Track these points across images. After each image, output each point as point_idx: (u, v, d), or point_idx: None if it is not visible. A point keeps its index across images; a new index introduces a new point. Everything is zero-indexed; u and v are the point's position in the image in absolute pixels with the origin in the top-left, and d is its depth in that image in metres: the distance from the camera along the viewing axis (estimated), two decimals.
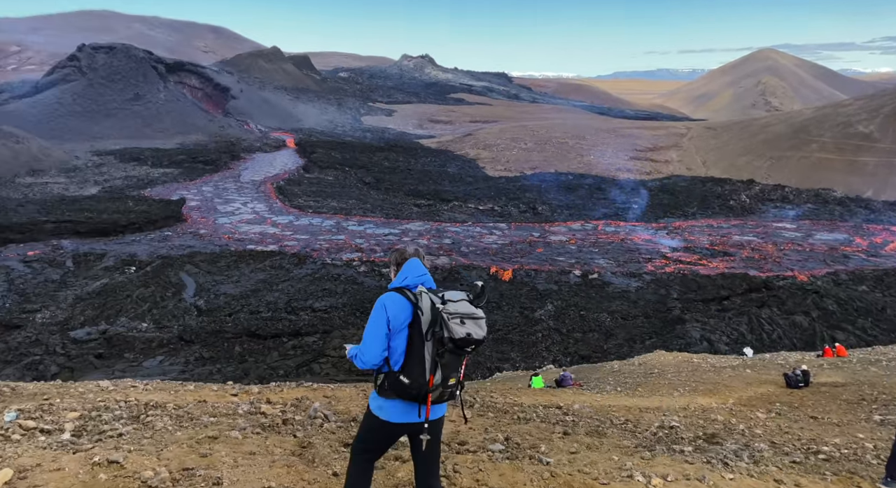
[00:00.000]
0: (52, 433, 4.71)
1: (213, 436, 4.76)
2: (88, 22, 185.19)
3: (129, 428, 4.98)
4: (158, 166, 51.87)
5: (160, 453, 4.30)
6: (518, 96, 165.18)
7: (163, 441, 4.62)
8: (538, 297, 25.91)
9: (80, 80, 73.24)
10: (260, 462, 4.28)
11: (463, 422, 5.96)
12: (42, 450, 4.22)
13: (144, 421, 5.23)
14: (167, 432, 4.92)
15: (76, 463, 3.95)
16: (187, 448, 4.46)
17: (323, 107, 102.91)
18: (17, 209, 34.92)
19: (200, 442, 4.60)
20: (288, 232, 35.11)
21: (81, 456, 4.11)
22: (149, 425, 5.12)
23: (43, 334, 21.52)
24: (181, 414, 5.62)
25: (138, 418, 5.35)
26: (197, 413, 5.70)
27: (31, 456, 4.09)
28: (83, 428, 4.89)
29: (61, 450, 4.24)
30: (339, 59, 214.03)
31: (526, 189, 50.97)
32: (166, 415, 5.48)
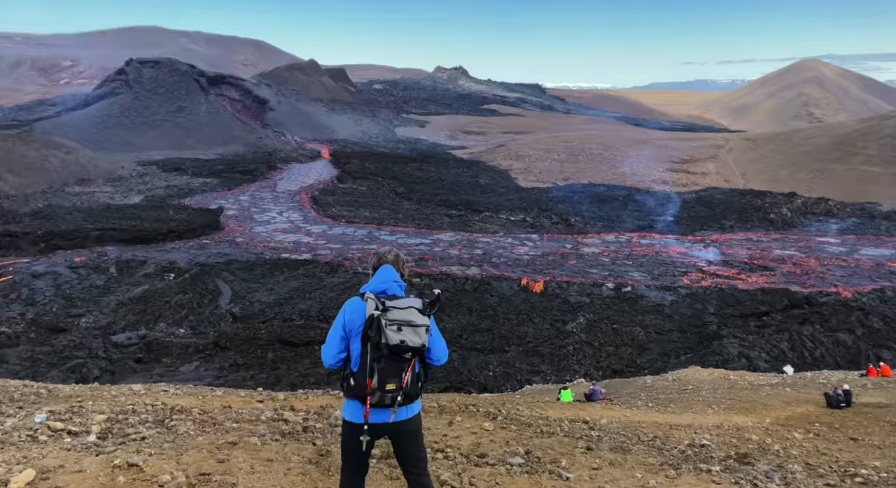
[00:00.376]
0: (78, 435, 4.81)
1: (233, 442, 4.84)
2: (136, 37, 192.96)
3: (152, 431, 5.08)
4: (198, 176, 53.43)
5: (180, 457, 4.38)
6: (551, 107, 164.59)
7: (184, 445, 4.70)
8: (570, 310, 25.63)
9: (127, 93, 76.23)
10: (276, 469, 4.33)
11: None
12: (66, 452, 4.32)
13: (168, 426, 5.33)
14: (189, 437, 5.00)
15: (97, 466, 4.03)
16: (206, 453, 4.53)
17: (357, 118, 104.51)
18: (66, 217, 36.43)
19: (220, 448, 4.68)
20: (321, 241, 35.66)
21: (103, 458, 4.19)
22: (172, 429, 5.21)
23: (86, 338, 22.30)
24: (205, 419, 5.72)
25: (163, 422, 5.46)
26: (221, 418, 5.81)
27: (56, 457, 4.18)
28: (109, 431, 4.98)
29: (85, 452, 4.33)
30: (374, 71, 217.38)
31: (558, 200, 50.62)
32: (190, 420, 5.57)
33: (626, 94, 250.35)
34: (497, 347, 22.03)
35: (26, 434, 4.71)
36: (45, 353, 20.89)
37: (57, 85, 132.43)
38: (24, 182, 44.14)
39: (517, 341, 22.50)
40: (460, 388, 18.22)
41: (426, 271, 29.91)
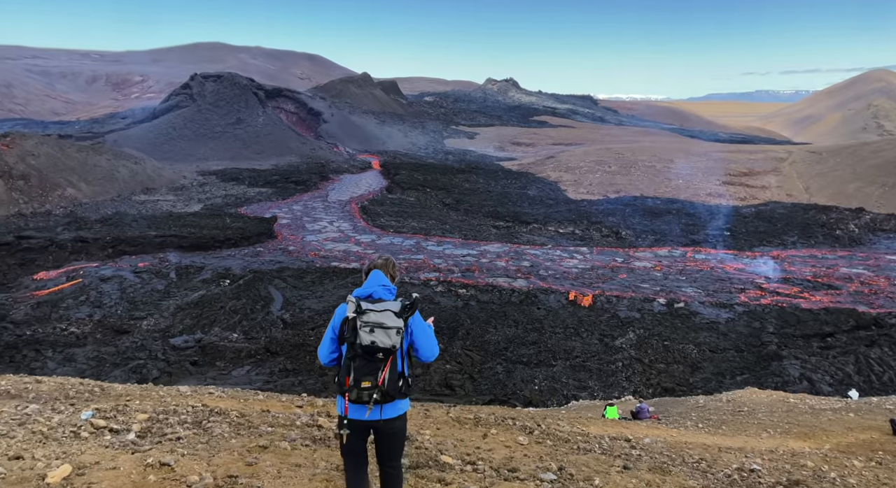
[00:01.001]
0: (119, 433, 4.97)
1: (264, 446, 4.90)
2: (201, 53, 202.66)
3: (189, 432, 5.20)
4: (254, 186, 55.31)
5: (211, 459, 4.47)
6: (603, 119, 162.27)
7: (217, 447, 4.79)
8: (619, 325, 25.00)
9: (191, 106, 80.00)
10: (302, 474, 4.36)
11: None
12: (104, 449, 4.47)
13: (205, 427, 5.44)
14: (223, 439, 5.09)
15: (131, 464, 4.16)
16: (237, 455, 4.61)
17: (407, 130, 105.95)
18: (132, 224, 38.37)
19: (251, 451, 4.76)
20: (370, 250, 36.18)
21: (138, 456, 4.32)
22: (208, 431, 5.32)
23: (147, 340, 23.31)
24: (242, 422, 5.83)
25: (200, 423, 5.57)
26: (257, 422, 5.91)
27: (93, 453, 4.32)
28: (148, 430, 5.14)
29: (121, 450, 4.47)
30: (425, 83, 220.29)
31: (609, 213, 49.68)
32: (226, 422, 5.68)
33: (682, 106, 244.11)
34: (543, 361, 21.69)
35: (70, 430, 4.89)
36: (109, 354, 21.95)
37: (128, 99, 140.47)
38: (95, 190, 46.83)
39: (564, 355, 22.09)
40: (505, 401, 18.02)
41: (472, 282, 29.85)
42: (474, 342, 22.93)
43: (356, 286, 21.13)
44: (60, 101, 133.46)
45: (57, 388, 7.01)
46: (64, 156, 48.02)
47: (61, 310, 25.68)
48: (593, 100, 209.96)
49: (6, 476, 3.91)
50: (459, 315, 25.29)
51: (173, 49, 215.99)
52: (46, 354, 21.77)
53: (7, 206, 40.24)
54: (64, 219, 39.49)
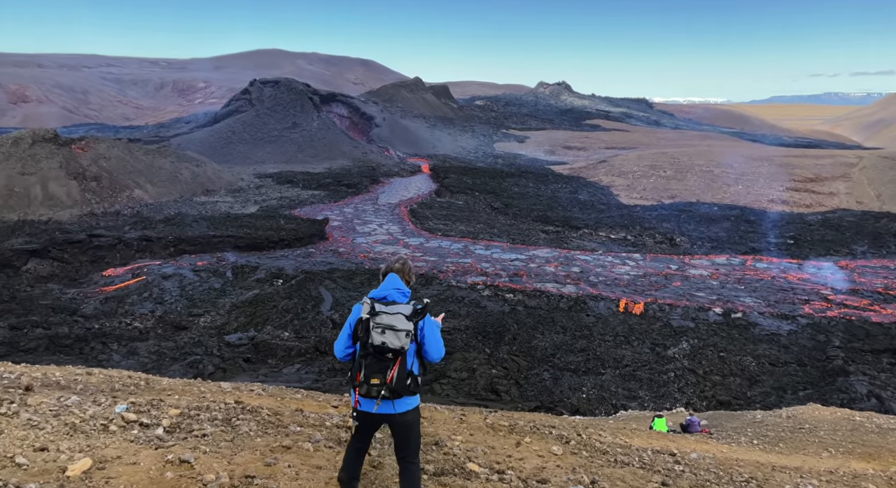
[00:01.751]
0: (148, 427, 5.05)
1: (287, 446, 4.92)
2: (260, 59, 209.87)
3: (216, 429, 5.21)
4: (308, 188, 56.72)
5: (233, 457, 4.49)
6: (659, 122, 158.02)
7: (241, 445, 4.81)
8: (672, 334, 24.20)
9: (250, 111, 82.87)
10: (320, 477, 4.36)
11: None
12: (129, 443, 4.52)
13: (233, 424, 5.47)
14: (248, 437, 5.12)
15: (151, 459, 4.21)
16: (259, 454, 4.62)
17: (457, 134, 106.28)
18: (192, 224, 40.04)
19: (274, 451, 4.76)
20: (418, 253, 36.42)
21: (160, 452, 4.36)
22: (235, 428, 5.35)
23: (204, 336, 24.23)
24: (272, 420, 5.85)
25: (229, 421, 5.60)
26: (287, 421, 5.93)
27: (117, 448, 4.38)
28: (178, 426, 5.19)
29: (145, 445, 4.52)
30: (476, 87, 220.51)
31: (663, 219, 48.28)
32: (255, 420, 5.70)
33: (743, 109, 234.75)
34: (592, 369, 21.23)
35: (100, 423, 4.97)
36: (168, 349, 22.94)
37: (192, 104, 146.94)
38: (160, 192, 49.14)
39: (613, 364, 21.56)
40: (551, 409, 17.74)
41: (520, 287, 29.58)
42: (521, 347, 22.70)
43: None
44: (131, 107, 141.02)
45: (105, 380, 7.26)
46: (132, 159, 50.64)
47: (126, 305, 27.03)
48: (648, 103, 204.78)
49: (28, 467, 3.97)
50: (506, 320, 25.10)
51: (235, 56, 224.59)
52: (112, 347, 22.96)
53: (81, 206, 42.73)
54: (131, 218, 41.61)
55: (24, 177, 42.92)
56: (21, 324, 24.36)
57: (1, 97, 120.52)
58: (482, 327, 24.22)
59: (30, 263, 32.50)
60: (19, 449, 4.24)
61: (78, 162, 46.28)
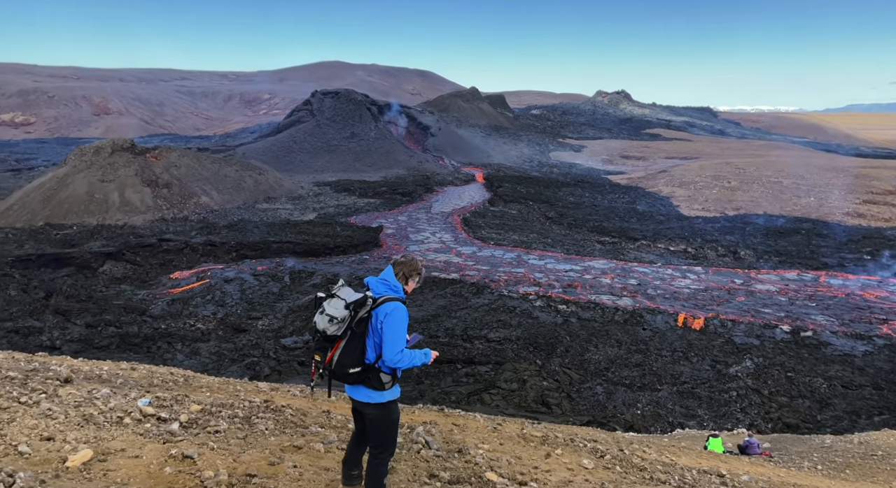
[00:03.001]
0: (165, 422, 5.05)
1: (299, 446, 4.86)
2: (322, 71, 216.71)
3: (232, 426, 5.15)
4: (364, 196, 57.84)
5: (240, 455, 4.43)
6: (723, 132, 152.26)
7: (252, 443, 4.77)
8: (735, 351, 23.08)
9: (310, 121, 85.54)
10: (323, 478, 4.28)
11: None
12: (138, 437, 4.52)
13: (252, 422, 5.44)
14: (262, 435, 5.07)
15: (155, 453, 4.19)
16: (268, 453, 4.56)
17: (513, 143, 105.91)
18: (254, 230, 41.55)
19: (284, 450, 4.70)
20: (470, 262, 36.37)
21: (166, 447, 4.35)
22: (253, 426, 5.31)
23: (262, 339, 25.00)
24: (295, 420, 5.80)
25: (248, 419, 5.55)
26: (309, 421, 5.87)
27: (124, 440, 4.38)
28: (195, 421, 5.18)
29: (154, 439, 4.51)
30: (533, 96, 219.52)
31: (727, 231, 46.31)
32: (274, 419, 5.65)
33: (816, 118, 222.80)
34: (647, 384, 20.50)
35: (116, 416, 4.98)
36: (228, 350, 23.80)
37: (257, 115, 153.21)
38: (225, 199, 51.32)
39: (670, 380, 20.74)
40: (604, 424, 17.22)
41: (573, 298, 29.00)
42: (573, 360, 22.20)
43: (454, 296, 21.46)
44: (201, 118, 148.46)
45: (146, 376, 7.46)
46: (200, 168, 53.18)
47: (191, 307, 28.26)
48: (713, 112, 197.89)
49: (30, 456, 4.00)
50: (558, 331, 24.64)
51: (297, 68, 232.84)
52: (176, 347, 24.03)
53: (153, 212, 45.18)
54: (197, 224, 43.61)
55: (103, 184, 45.81)
56: (96, 323, 25.89)
57: (86, 109, 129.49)
58: (533, 338, 23.86)
59: (106, 265, 34.57)
60: (25, 438, 4.28)
61: (152, 170, 49.01)
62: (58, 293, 29.13)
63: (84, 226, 40.96)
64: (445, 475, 4.87)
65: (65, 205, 43.34)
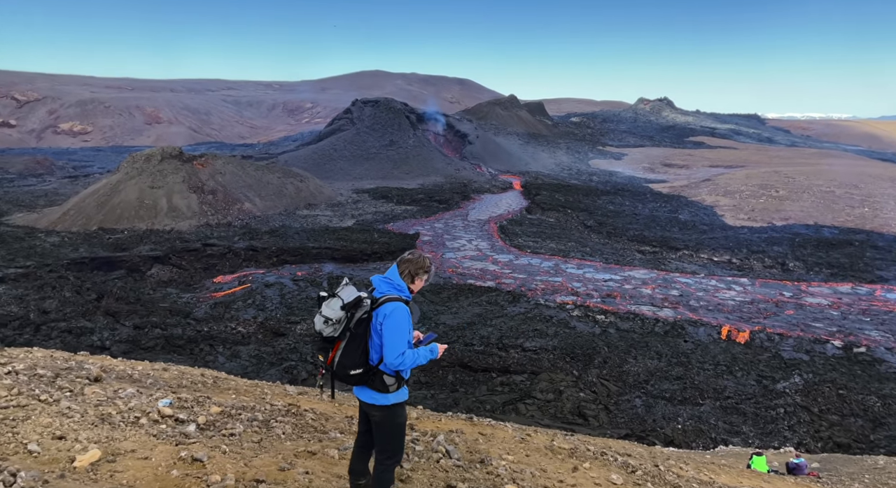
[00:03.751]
0: (183, 423, 4.98)
1: (313, 452, 4.75)
2: (363, 81, 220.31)
3: (248, 430, 5.05)
4: (401, 203, 58.32)
5: (252, 459, 4.34)
6: (772, 139, 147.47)
7: (267, 447, 4.65)
8: (782, 367, 22.17)
9: (350, 129, 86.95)
10: (333, 487, 4.19)
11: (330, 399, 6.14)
12: (151, 437, 4.46)
13: (270, 426, 5.30)
14: (278, 439, 4.96)
15: (165, 455, 4.12)
16: (280, 458, 4.43)
17: (551, 151, 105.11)
18: (294, 236, 42.39)
19: (298, 456, 4.58)
20: (507, 270, 36.14)
21: (177, 449, 4.28)
22: (271, 430, 5.18)
23: (299, 343, 25.37)
24: (315, 424, 5.69)
25: (267, 422, 5.41)
26: (329, 427, 5.76)
27: (136, 441, 4.31)
28: (212, 423, 5.10)
29: (166, 440, 4.44)
30: (572, 104, 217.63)
31: (774, 241, 44.70)
32: (294, 424, 5.53)
33: (871, 125, 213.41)
34: (689, 399, 19.89)
35: (134, 416, 4.91)
36: (267, 353, 24.24)
37: (300, 123, 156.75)
38: (267, 205, 52.55)
39: (713, 395, 20.06)
40: (643, 438, 16.77)
41: (612, 309, 28.44)
42: (611, 371, 21.74)
43: (490, 304, 21.30)
44: (246, 127, 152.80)
45: (176, 377, 7.50)
46: (244, 175, 54.65)
47: (232, 310, 28.95)
48: (760, 119, 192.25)
49: (39, 455, 3.94)
50: (596, 342, 24.19)
51: (339, 78, 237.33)
52: (218, 349, 24.63)
53: (198, 217, 46.62)
54: (240, 229, 44.76)
55: (153, 190, 47.57)
56: (143, 324, 26.80)
57: (139, 119, 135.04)
58: (570, 348, 23.49)
59: (153, 269, 35.78)
60: (37, 436, 4.24)
61: (198, 177, 50.63)
62: (108, 295, 30.31)
63: (134, 231, 42.57)
64: (463, 486, 4.76)
65: (117, 211, 45.17)
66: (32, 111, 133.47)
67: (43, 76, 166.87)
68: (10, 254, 35.08)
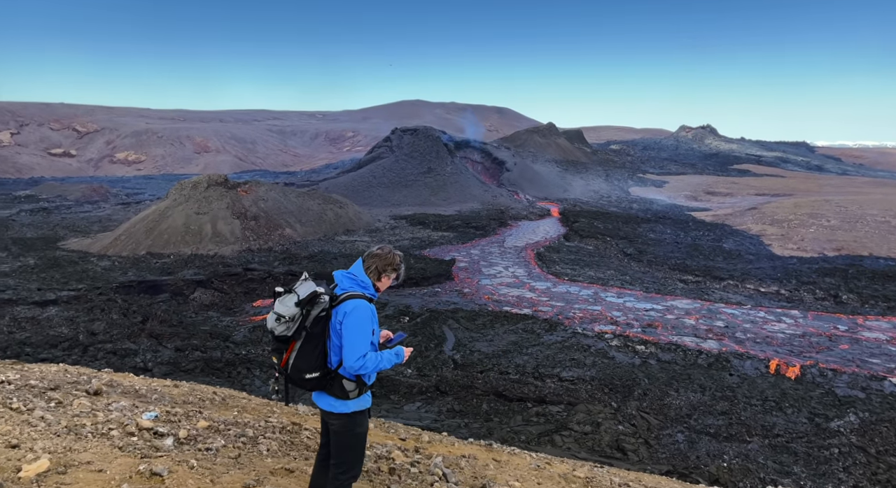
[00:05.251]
0: (162, 436, 4.79)
1: (290, 469, 4.55)
2: (403, 110, 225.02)
3: (229, 445, 4.85)
4: (438, 230, 58.59)
5: (222, 475, 4.13)
6: (822, 168, 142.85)
7: (245, 463, 4.41)
8: (836, 404, 20.93)
9: (389, 156, 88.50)
10: None
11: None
12: (115, 450, 4.26)
13: (258, 442, 5.10)
14: (258, 456, 4.75)
15: (122, 468, 3.93)
16: (253, 475, 4.21)
17: (590, 178, 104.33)
18: (332, 261, 42.97)
19: (275, 473, 4.40)
20: (544, 298, 35.62)
21: (137, 461, 4.08)
22: (257, 446, 4.97)
23: None
24: (309, 443, 5.50)
25: (255, 439, 5.21)
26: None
27: (96, 453, 4.12)
28: (194, 438, 4.93)
29: (132, 453, 4.23)
30: (612, 132, 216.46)
31: (826, 272, 42.79)
32: (283, 441, 5.32)
33: None
34: (734, 435, 18.92)
35: (108, 428, 4.74)
36: None
37: (341, 151, 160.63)
38: (307, 230, 53.62)
39: (762, 432, 19.04)
40: (685, 475, 15.98)
41: (653, 339, 27.57)
42: (651, 404, 20.94)
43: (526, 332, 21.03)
44: (290, 155, 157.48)
45: (186, 393, 7.47)
46: (286, 201, 56.04)
47: None
48: (809, 147, 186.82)
49: None
50: (636, 373, 23.40)
51: (380, 107, 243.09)
52: (255, 373, 24.89)
53: (241, 243, 47.87)
54: (280, 254, 45.69)
55: (198, 216, 49.22)
56: (184, 347, 27.39)
57: (189, 148, 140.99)
58: (609, 379, 22.79)
59: (196, 292, 36.74)
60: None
61: (241, 203, 52.19)
62: (153, 318, 31.19)
63: (180, 256, 43.98)
64: None
65: (164, 236, 46.84)
66: (91, 141, 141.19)
67: (102, 108, 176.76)
68: (63, 278, 36.67)
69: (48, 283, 35.20)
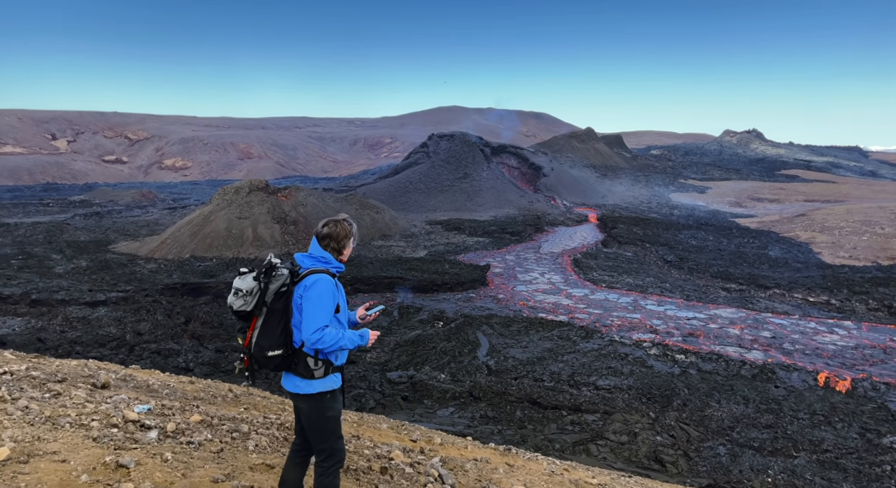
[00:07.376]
0: (148, 429, 4.64)
1: (271, 465, 4.40)
2: (440, 116, 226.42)
3: (215, 439, 4.72)
4: (473, 235, 58.50)
5: (195, 470, 4.00)
6: (875, 173, 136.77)
7: (227, 458, 4.31)
8: (890, 419, 19.88)
9: (426, 162, 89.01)
10: None
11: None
12: (87, 441, 4.14)
13: (248, 437, 4.98)
14: (242, 451, 4.57)
15: (88, 459, 3.81)
16: (228, 470, 4.09)
17: (629, 183, 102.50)
18: (368, 265, 43.38)
19: (253, 468, 4.24)
20: (581, 305, 35.08)
21: (106, 452, 3.96)
22: (245, 442, 4.83)
23: (368, 372, 25.60)
24: None
25: (248, 434, 5.09)
26: None
27: (65, 443, 4.00)
28: (181, 432, 4.77)
29: (104, 445, 4.10)
30: (653, 137, 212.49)
31: (880, 282, 40.79)
32: (274, 437, 5.13)
33: None
34: (780, 449, 18.16)
35: (90, 419, 4.61)
36: None
37: (379, 157, 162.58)
38: None
39: (809, 447, 18.23)
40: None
41: (693, 348, 26.79)
42: (691, 415, 20.31)
43: (561, 339, 20.76)
44: (329, 161, 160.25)
45: (201, 389, 7.46)
46: (324, 206, 56.94)
47: None
48: (862, 151, 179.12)
49: None
50: (675, 383, 22.76)
51: (417, 114, 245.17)
52: None
53: (280, 247, 48.84)
54: None
55: (240, 220, 50.49)
56: (224, 348, 28.07)
57: (233, 154, 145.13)
58: (647, 388, 22.22)
59: None
60: None
61: (281, 208, 53.29)
62: (195, 319, 32.09)
63: (222, 259, 45.17)
64: None
65: (207, 240, 48.21)
66: (142, 149, 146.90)
67: (152, 117, 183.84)
68: (113, 279, 38.13)
69: (99, 285, 36.67)
